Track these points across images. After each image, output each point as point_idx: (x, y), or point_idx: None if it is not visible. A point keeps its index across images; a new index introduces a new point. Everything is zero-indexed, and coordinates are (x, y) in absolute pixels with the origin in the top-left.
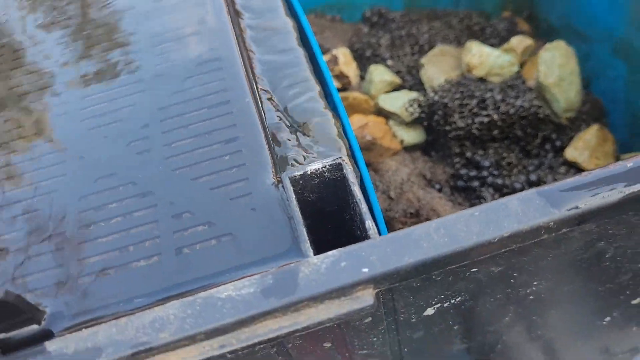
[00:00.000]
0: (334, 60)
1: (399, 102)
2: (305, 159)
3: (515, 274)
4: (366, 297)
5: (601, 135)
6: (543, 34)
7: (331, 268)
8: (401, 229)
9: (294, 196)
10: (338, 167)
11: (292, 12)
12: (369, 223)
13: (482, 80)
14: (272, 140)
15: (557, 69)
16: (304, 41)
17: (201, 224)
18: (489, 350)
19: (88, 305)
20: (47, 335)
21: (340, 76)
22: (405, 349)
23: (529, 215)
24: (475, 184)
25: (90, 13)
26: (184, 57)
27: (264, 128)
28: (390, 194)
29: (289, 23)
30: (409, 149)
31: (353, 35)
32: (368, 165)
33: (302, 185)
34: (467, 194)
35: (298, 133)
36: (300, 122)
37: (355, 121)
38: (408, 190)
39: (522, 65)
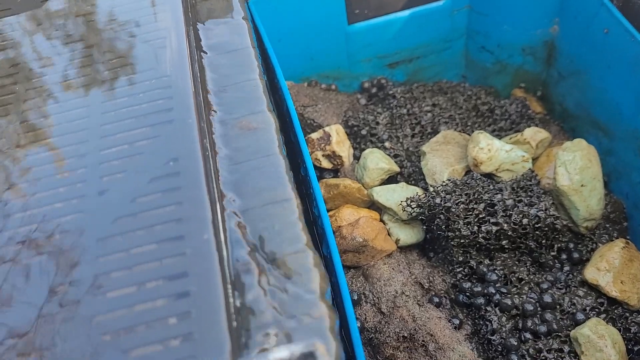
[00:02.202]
0: (327, 138)
1: (395, 196)
2: (271, 321)
3: None
4: None
5: (627, 255)
6: (558, 117)
7: None
8: (392, 355)
9: None
10: (310, 355)
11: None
12: None
13: (490, 176)
14: (233, 292)
15: (577, 174)
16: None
17: None
18: None
19: None
20: None
21: (332, 156)
22: None
23: None
24: (480, 301)
25: None
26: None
27: (223, 275)
28: (382, 308)
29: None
30: (404, 248)
31: (349, 108)
32: (357, 269)
33: None
34: (469, 310)
35: (267, 273)
36: (272, 254)
37: (347, 215)
38: (402, 306)
39: (535, 158)
